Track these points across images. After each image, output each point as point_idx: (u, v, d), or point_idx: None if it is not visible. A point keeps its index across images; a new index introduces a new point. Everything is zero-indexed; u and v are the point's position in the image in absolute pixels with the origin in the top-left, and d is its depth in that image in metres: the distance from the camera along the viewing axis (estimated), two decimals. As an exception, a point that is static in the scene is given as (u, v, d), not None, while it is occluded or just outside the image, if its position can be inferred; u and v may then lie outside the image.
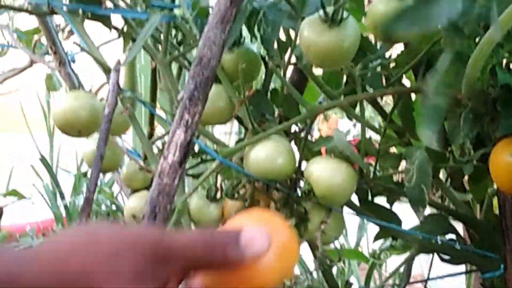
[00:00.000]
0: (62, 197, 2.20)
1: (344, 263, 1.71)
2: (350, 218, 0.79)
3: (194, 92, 0.60)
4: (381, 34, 0.65)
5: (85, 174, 2.25)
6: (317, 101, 0.92)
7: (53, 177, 2.15)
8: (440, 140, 0.54)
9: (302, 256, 1.58)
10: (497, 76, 0.59)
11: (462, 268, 0.97)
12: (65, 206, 2.23)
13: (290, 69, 0.93)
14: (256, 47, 0.86)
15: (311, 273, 0.74)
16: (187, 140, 0.60)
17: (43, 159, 2.10)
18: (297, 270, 1.71)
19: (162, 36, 0.82)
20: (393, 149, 0.79)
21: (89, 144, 0.87)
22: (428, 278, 0.92)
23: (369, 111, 1.29)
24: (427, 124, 0.50)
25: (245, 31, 0.78)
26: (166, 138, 0.66)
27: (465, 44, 0.52)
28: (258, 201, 0.76)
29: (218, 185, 0.81)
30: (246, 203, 0.75)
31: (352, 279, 1.68)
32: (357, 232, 1.77)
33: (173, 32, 0.87)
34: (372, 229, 1.89)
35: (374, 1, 0.66)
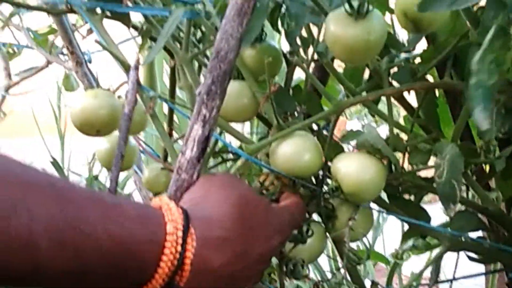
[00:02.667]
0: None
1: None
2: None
3: (211, 86, 0.59)
4: (412, 20, 0.63)
5: (96, 177, 2.24)
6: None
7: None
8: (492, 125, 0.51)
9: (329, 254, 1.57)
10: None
11: (480, 268, 0.95)
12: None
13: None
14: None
15: (338, 270, 0.73)
16: (205, 135, 0.59)
17: (54, 162, 2.09)
18: (325, 267, 1.70)
19: (181, 34, 0.81)
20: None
21: (102, 144, 0.86)
22: (454, 278, 0.90)
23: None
24: (478, 104, 0.47)
25: (266, 27, 0.77)
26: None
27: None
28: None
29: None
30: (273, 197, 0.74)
31: (368, 281, 1.66)
32: (372, 233, 1.75)
33: (191, 30, 0.86)
34: (388, 229, 1.87)
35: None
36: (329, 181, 0.70)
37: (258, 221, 0.54)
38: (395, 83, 0.73)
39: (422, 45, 0.77)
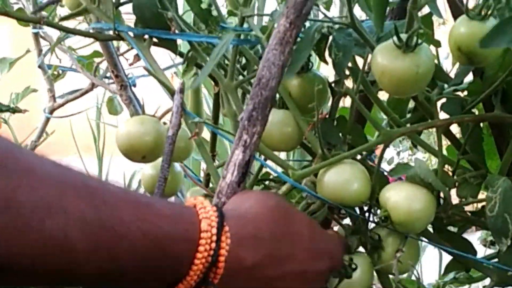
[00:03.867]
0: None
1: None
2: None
3: (252, 112, 0.61)
4: (466, 54, 0.62)
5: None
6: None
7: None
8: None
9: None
10: None
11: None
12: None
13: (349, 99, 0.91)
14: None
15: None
16: (246, 160, 0.61)
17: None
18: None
19: (226, 61, 0.82)
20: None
21: (147, 170, 0.87)
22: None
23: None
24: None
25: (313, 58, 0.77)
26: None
27: None
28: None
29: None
30: None
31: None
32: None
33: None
34: (425, 260, 1.85)
35: (456, 23, 0.64)
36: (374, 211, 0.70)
37: (298, 233, 0.54)
38: (442, 115, 0.72)
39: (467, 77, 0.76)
